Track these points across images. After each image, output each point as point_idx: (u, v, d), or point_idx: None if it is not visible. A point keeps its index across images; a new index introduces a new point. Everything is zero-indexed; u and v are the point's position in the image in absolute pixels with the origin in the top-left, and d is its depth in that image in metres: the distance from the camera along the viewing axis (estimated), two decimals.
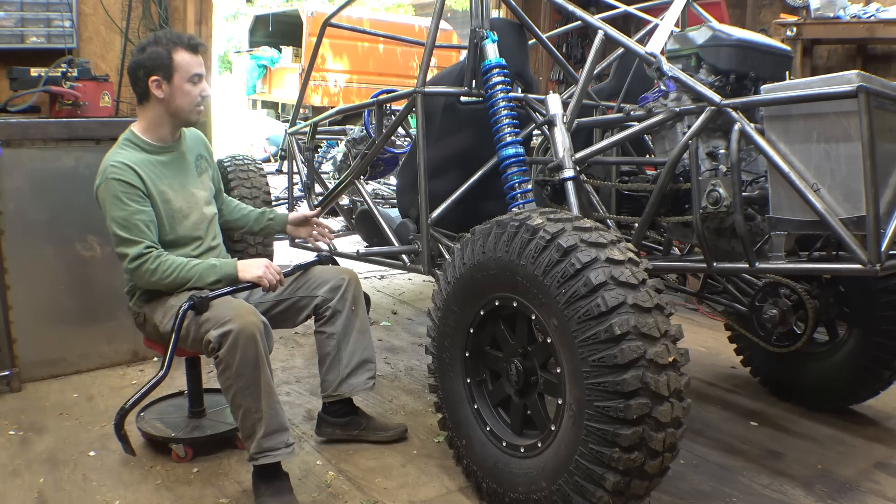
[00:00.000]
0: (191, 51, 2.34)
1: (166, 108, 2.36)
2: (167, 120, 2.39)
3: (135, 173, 2.28)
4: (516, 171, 2.67)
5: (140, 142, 2.39)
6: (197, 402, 2.71)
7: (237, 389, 2.16)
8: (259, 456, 2.19)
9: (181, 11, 4.28)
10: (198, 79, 2.36)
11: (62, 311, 3.20)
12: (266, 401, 2.18)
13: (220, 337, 2.13)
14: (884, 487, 2.47)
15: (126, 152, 2.35)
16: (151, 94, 2.33)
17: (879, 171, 1.97)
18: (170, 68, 2.30)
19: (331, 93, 12.77)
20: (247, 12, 18.26)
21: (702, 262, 2.38)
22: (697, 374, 3.47)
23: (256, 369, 2.15)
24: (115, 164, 2.28)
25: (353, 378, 2.59)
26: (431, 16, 2.93)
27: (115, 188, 2.25)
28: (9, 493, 2.32)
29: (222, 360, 2.15)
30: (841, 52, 4.81)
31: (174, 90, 2.32)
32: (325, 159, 4.74)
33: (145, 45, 2.34)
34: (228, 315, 2.16)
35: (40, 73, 3.42)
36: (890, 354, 2.79)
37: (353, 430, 2.69)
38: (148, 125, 2.40)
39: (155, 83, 2.31)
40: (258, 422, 2.17)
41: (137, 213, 2.26)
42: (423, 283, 5.16)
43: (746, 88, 2.45)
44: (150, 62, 2.30)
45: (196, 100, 2.36)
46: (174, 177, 2.43)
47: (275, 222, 2.82)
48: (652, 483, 1.88)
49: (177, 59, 2.31)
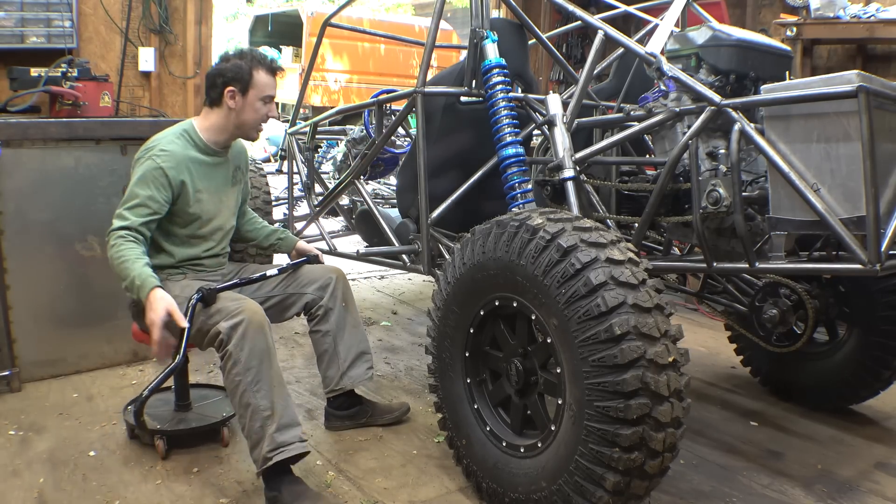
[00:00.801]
0: (270, 73, 2.46)
1: (233, 119, 2.46)
2: (230, 129, 2.49)
3: (174, 167, 2.37)
4: (516, 171, 2.67)
5: (197, 138, 2.48)
6: (183, 396, 2.74)
7: (245, 386, 2.17)
8: (273, 454, 2.15)
9: (181, 11, 4.29)
10: (269, 100, 2.48)
11: (62, 310, 3.19)
12: (277, 393, 2.20)
13: (230, 329, 2.18)
14: (884, 487, 2.47)
15: (180, 142, 2.44)
16: (224, 102, 2.43)
17: (879, 171, 1.97)
18: (248, 84, 2.41)
19: (331, 93, 12.77)
20: (247, 12, 18.27)
21: (702, 262, 2.38)
22: (697, 374, 3.47)
23: (265, 361, 2.19)
24: (164, 150, 2.38)
25: (353, 370, 2.68)
26: (431, 16, 2.93)
27: (150, 169, 2.34)
28: (9, 493, 2.32)
29: (231, 355, 2.17)
30: (841, 52, 4.81)
31: (246, 104, 2.43)
32: (325, 159, 4.73)
33: (231, 55, 2.46)
34: (237, 308, 2.23)
35: (40, 73, 3.42)
36: (890, 354, 2.80)
37: (360, 418, 2.79)
38: (210, 126, 2.49)
39: (230, 93, 2.42)
40: (268, 419, 2.17)
41: (151, 198, 2.33)
42: (423, 283, 5.16)
43: (746, 88, 2.45)
44: (231, 73, 2.41)
45: (262, 118, 2.48)
46: (212, 181, 2.52)
47: (282, 244, 2.88)
48: (652, 483, 1.88)
49: (256, 77, 2.42)
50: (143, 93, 4.26)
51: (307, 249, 2.85)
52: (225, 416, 2.68)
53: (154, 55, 4.20)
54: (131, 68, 4.18)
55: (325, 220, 4.09)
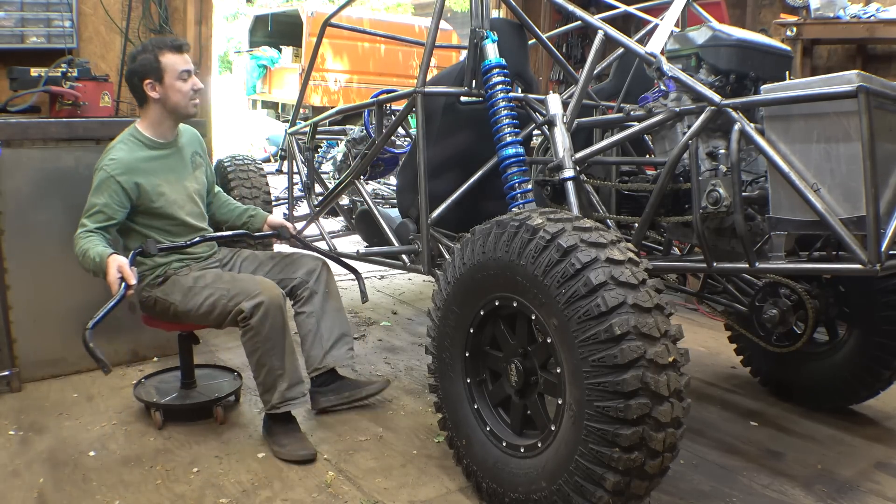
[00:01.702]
0: (175, 51, 2.59)
1: (164, 107, 2.62)
2: (167, 116, 2.65)
3: (124, 173, 2.55)
4: (516, 171, 2.67)
5: (143, 138, 2.65)
6: (188, 374, 2.94)
7: (264, 351, 2.52)
8: (281, 405, 2.56)
9: (181, 11, 4.28)
10: (187, 75, 2.60)
11: (62, 311, 3.19)
12: (289, 359, 2.57)
13: (252, 307, 2.49)
14: (884, 487, 2.47)
15: (126, 147, 2.61)
16: (148, 97, 2.60)
17: (879, 171, 1.97)
18: (159, 70, 2.56)
19: (331, 93, 12.77)
20: (247, 12, 18.26)
21: (702, 262, 2.38)
22: (697, 374, 3.47)
23: (281, 333, 2.53)
24: (113, 159, 2.57)
25: (335, 351, 2.88)
26: (431, 16, 2.93)
27: (103, 179, 2.54)
28: (9, 493, 2.32)
29: (253, 328, 2.50)
30: (841, 52, 4.80)
31: (167, 89, 2.58)
32: (325, 159, 4.73)
33: (135, 54, 2.62)
34: (257, 289, 2.53)
35: (40, 73, 3.41)
36: (890, 354, 2.79)
37: (344, 392, 2.95)
38: (150, 123, 2.66)
39: (149, 86, 2.58)
40: (280, 377, 2.54)
41: (105, 205, 2.53)
42: (423, 283, 5.16)
43: (746, 88, 2.45)
44: (142, 68, 2.57)
45: (189, 94, 2.61)
46: (170, 171, 2.69)
47: (254, 221, 3.03)
48: (652, 483, 1.88)
49: (164, 61, 2.56)
50: None
51: (278, 223, 3.01)
52: (218, 396, 2.88)
53: None
54: None
55: (325, 220, 4.09)
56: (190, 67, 2.61)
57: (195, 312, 2.60)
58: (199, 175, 2.82)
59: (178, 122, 2.71)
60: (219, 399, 2.86)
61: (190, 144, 2.81)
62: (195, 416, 2.83)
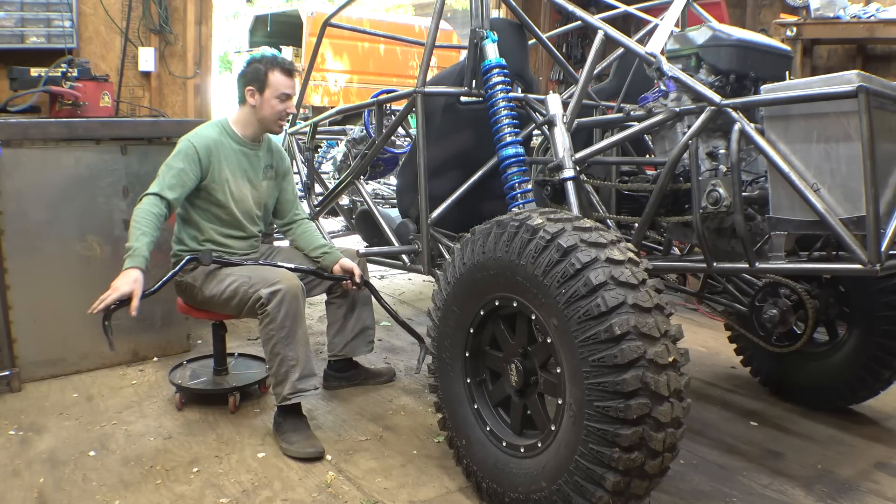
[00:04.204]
0: (286, 74, 2.80)
1: (255, 114, 2.83)
2: (254, 123, 2.85)
3: (205, 148, 2.74)
4: (516, 171, 2.67)
5: (229, 130, 2.87)
6: (220, 362, 3.08)
7: (278, 339, 2.59)
8: (292, 395, 2.62)
9: (181, 11, 4.28)
10: (285, 97, 2.80)
11: (62, 311, 3.19)
12: (302, 349, 2.63)
13: (270, 294, 2.58)
14: (884, 487, 2.47)
15: (215, 132, 2.83)
16: (246, 100, 2.81)
17: (879, 171, 1.97)
18: (264, 83, 2.77)
19: (331, 93, 12.76)
20: (247, 12, 18.24)
21: (702, 262, 2.37)
22: (697, 374, 3.47)
23: (296, 322, 2.61)
24: (197, 134, 2.79)
25: (355, 342, 3.12)
26: (431, 16, 2.93)
27: (184, 147, 2.73)
28: (9, 493, 2.32)
29: (269, 314, 2.58)
30: (841, 52, 4.80)
31: (264, 102, 2.79)
32: (325, 159, 4.73)
33: (251, 60, 2.84)
34: (277, 277, 2.63)
35: (40, 73, 3.42)
36: (890, 354, 2.80)
37: (355, 380, 3.23)
38: (238, 120, 2.88)
39: (250, 92, 2.80)
40: (293, 368, 2.61)
41: (182, 171, 2.69)
42: (423, 283, 5.16)
43: (746, 88, 2.45)
44: (250, 75, 2.79)
45: (280, 113, 2.82)
46: (241, 169, 2.86)
47: (326, 259, 3.02)
48: (652, 483, 1.88)
49: (271, 78, 2.77)
50: (143, 93, 4.26)
51: (348, 267, 2.97)
52: (235, 385, 2.98)
53: (154, 55, 4.20)
54: (131, 68, 4.18)
55: (325, 220, 4.09)
56: (291, 92, 2.82)
57: (218, 299, 2.72)
58: (266, 185, 2.96)
59: (262, 132, 2.90)
60: (235, 389, 2.95)
61: (269, 157, 2.98)
62: (214, 401, 2.97)
